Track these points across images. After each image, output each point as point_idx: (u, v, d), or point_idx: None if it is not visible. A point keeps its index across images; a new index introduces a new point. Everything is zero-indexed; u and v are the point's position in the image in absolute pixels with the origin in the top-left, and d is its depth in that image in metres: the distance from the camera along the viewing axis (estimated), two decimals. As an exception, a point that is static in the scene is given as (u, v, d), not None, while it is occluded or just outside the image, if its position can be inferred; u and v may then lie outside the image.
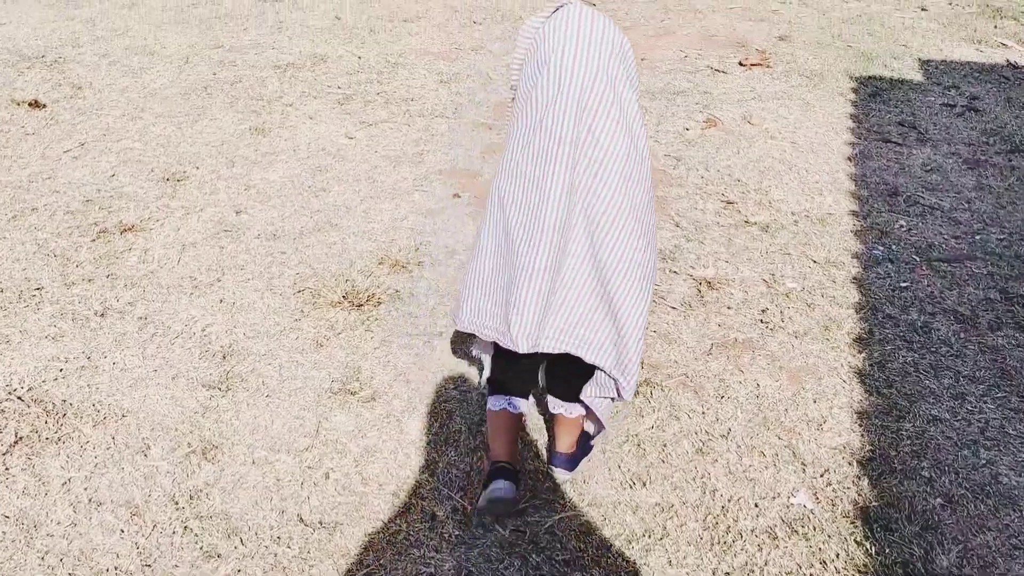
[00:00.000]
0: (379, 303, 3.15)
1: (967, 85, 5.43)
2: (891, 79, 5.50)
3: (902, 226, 3.78)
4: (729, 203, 3.94)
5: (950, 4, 7.22)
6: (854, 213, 3.88)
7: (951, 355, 2.94)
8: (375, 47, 5.87)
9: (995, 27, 6.58)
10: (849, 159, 4.42)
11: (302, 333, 2.98)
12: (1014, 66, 5.78)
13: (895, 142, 4.62)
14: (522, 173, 1.97)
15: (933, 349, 2.96)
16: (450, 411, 2.66)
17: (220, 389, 2.70)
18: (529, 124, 1.98)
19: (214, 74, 5.35)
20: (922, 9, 7.07)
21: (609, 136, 1.97)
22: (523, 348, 1.97)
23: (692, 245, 3.59)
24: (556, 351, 2.03)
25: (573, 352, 2.04)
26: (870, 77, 5.52)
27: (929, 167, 4.34)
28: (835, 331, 3.05)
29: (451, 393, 2.74)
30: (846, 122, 4.87)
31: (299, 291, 3.21)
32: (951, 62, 5.85)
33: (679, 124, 4.76)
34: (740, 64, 5.71)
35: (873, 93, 5.26)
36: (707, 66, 5.70)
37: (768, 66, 5.69)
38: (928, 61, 5.84)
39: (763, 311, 3.16)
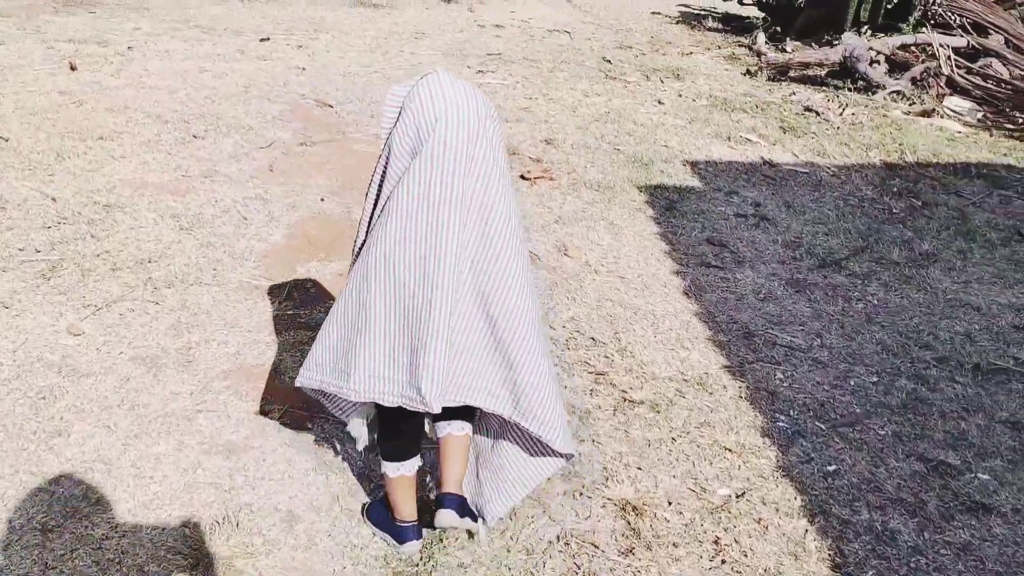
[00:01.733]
0: (213, 653, 2.03)
1: (743, 189, 5.37)
2: (674, 187, 5.28)
3: (780, 379, 3.39)
4: (599, 375, 3.30)
5: (680, 96, 7.36)
6: (728, 369, 3.43)
7: (933, 568, 2.51)
8: (70, 180, 4.48)
9: (731, 120, 6.75)
10: (685, 294, 4.01)
11: None
12: (770, 163, 5.88)
13: (716, 266, 4.32)
14: (413, 238, 2.03)
15: (912, 563, 2.52)
16: None
17: None
18: (416, 188, 2.03)
19: None
20: (659, 102, 7.11)
21: (496, 194, 2.10)
22: (437, 408, 2.05)
23: (589, 448, 2.88)
24: (458, 403, 2.13)
25: (472, 403, 2.15)
26: (655, 187, 5.25)
27: (761, 294, 4.07)
28: (805, 559, 2.50)
29: None
30: (659, 244, 4.50)
31: (71, 660, 1.98)
32: (714, 162, 5.81)
33: (496, 267, 4.06)
34: (523, 178, 5.17)
35: (667, 206, 4.98)
36: (488, 183, 5.08)
37: (552, 178, 5.21)
38: (695, 163, 5.75)
39: (716, 542, 2.52)
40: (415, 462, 2.37)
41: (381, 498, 2.48)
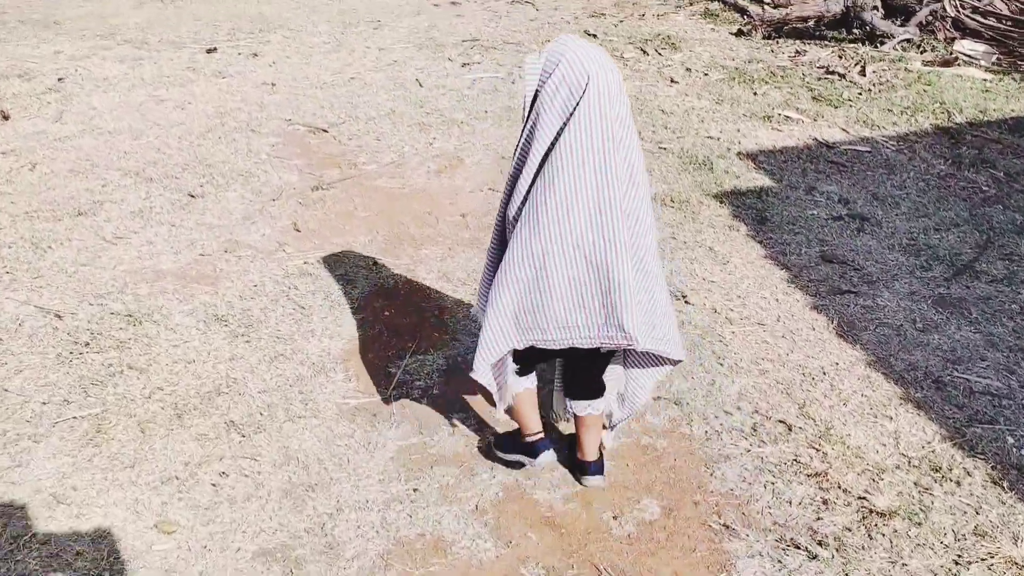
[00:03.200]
0: None
1: (820, 182, 4.82)
2: (749, 191, 4.70)
3: (1013, 445, 2.89)
4: (818, 476, 2.72)
5: (688, 70, 6.74)
6: (949, 440, 2.90)
7: None
8: (66, 283, 3.59)
9: (758, 94, 6.19)
10: (840, 335, 3.46)
11: None
12: (827, 145, 5.35)
13: (850, 291, 3.78)
14: (585, 193, 2.12)
15: None
16: None
17: None
18: (581, 144, 2.09)
19: None
20: (672, 81, 6.47)
21: (633, 144, 2.18)
22: (642, 345, 2.23)
23: (871, 597, 2.30)
24: (648, 348, 2.29)
25: (654, 350, 2.33)
26: (730, 193, 4.65)
27: (917, 323, 3.55)
28: None
29: None
30: (774, 271, 3.92)
31: None
32: (769, 151, 5.24)
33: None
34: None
35: (757, 218, 4.39)
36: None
37: (616, 198, 4.55)
38: (752, 155, 5.17)
39: None
40: (534, 376, 2.55)
41: (503, 434, 2.76)
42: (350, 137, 5.26)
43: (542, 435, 2.59)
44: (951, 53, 6.97)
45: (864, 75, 6.53)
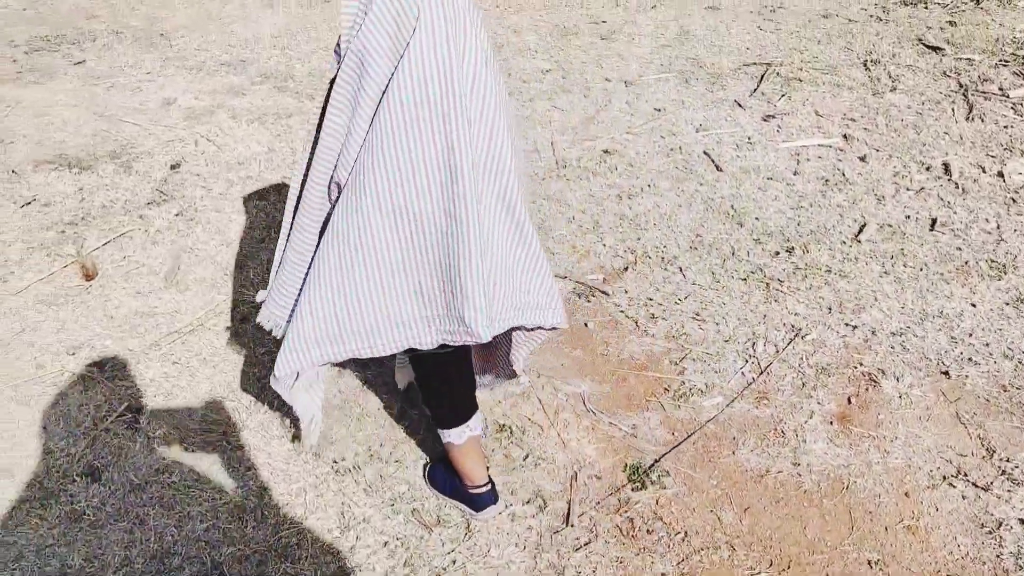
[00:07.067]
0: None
1: None
2: None
3: None
4: None
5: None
6: None
7: None
8: None
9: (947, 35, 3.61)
10: None
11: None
12: None
13: None
14: (422, 155, 1.63)
15: None
16: None
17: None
18: (413, 92, 1.61)
19: None
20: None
21: (489, 77, 1.69)
22: (486, 337, 1.75)
23: None
24: (507, 328, 1.84)
25: (522, 323, 1.89)
26: None
27: None
28: None
29: None
30: None
31: None
32: None
33: None
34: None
35: None
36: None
37: None
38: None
39: None
40: (477, 419, 2.15)
41: (443, 460, 2.28)
42: (654, 314, 3.02)
43: (487, 484, 2.17)
44: None
45: None
